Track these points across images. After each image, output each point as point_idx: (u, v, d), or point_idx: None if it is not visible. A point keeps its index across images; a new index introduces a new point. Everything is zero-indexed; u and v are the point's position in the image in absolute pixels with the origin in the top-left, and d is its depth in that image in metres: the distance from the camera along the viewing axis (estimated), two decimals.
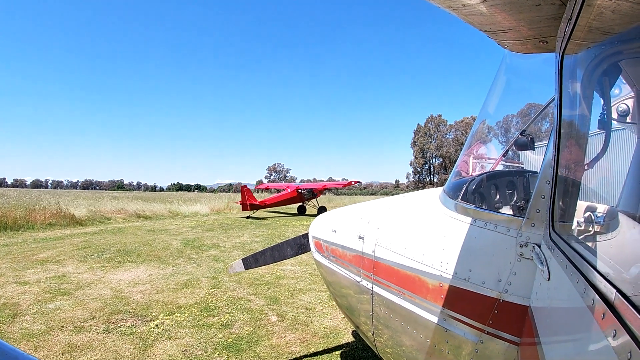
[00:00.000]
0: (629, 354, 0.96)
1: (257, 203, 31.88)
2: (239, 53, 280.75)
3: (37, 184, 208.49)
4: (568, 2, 1.73)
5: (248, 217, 31.31)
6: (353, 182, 37.00)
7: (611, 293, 1.16)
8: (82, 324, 7.17)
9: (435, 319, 2.92)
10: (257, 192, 56.64)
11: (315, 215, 4.66)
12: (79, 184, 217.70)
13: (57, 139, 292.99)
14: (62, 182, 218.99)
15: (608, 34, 1.70)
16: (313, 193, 35.97)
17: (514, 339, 2.48)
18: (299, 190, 35.10)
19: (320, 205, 34.13)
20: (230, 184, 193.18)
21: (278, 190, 39.08)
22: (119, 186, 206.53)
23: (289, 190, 34.97)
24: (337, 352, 6.29)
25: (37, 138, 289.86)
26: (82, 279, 10.34)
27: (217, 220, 28.65)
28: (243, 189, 31.55)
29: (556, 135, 2.06)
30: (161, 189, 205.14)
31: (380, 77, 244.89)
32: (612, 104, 2.67)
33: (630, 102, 2.75)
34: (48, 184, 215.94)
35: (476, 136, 3.80)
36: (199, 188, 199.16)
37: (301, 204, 35.67)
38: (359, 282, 3.83)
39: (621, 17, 1.50)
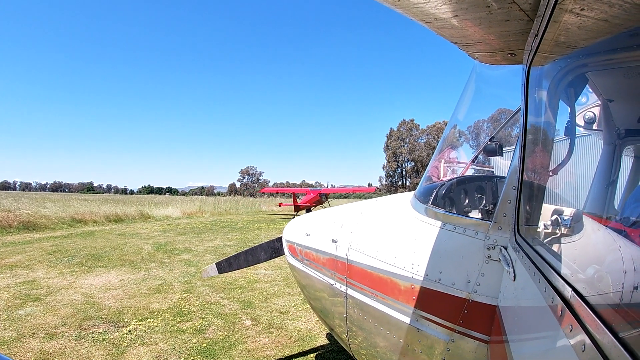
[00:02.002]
0: (582, 347, 1.05)
1: (300, 205, 37.80)
2: (212, 55, 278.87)
3: (5, 186, 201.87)
4: (536, 18, 1.82)
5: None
6: (375, 189, 42.75)
7: (568, 292, 1.25)
8: (54, 330, 7.04)
9: (407, 320, 2.99)
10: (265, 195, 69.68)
11: None
12: (48, 186, 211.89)
13: (26, 139, 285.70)
14: (30, 184, 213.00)
15: (574, 47, 1.80)
16: (326, 196, 42.39)
17: (484, 337, 2.56)
18: (320, 194, 41.49)
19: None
20: (203, 187, 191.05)
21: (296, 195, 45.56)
22: (88, 189, 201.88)
23: (313, 195, 41.43)
24: (312, 355, 6.33)
25: (4, 139, 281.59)
26: (52, 284, 10.12)
27: (189, 223, 28.30)
28: (294, 194, 39.51)
29: (522, 143, 2.16)
30: (132, 192, 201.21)
31: (354, 81, 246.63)
32: (578, 113, 2.80)
33: (596, 110, 2.88)
34: (16, 185, 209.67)
35: (447, 142, 3.90)
36: (171, 191, 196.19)
37: (308, 206, 39.61)
38: (332, 284, 3.88)
39: (587, 33, 1.60)
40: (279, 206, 45.50)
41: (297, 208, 37.13)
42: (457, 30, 2.17)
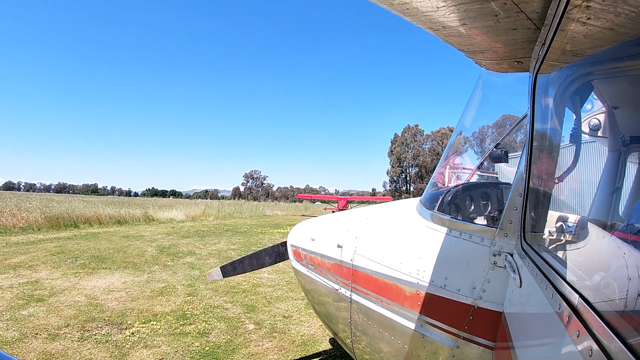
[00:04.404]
0: (590, 352, 1.06)
1: (340, 209, 42.05)
2: (217, 59, 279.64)
3: (9, 186, 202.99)
4: (543, 27, 1.84)
5: None
6: (391, 198, 49.36)
7: (575, 298, 1.26)
8: (57, 331, 7.04)
9: (412, 325, 2.99)
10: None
11: None
12: (52, 187, 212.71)
13: (31, 140, 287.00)
14: (35, 184, 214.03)
15: (580, 55, 1.82)
16: (349, 202, 50.47)
17: (489, 344, 2.56)
18: (347, 201, 49.65)
19: None
20: (207, 191, 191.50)
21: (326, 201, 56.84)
22: (93, 190, 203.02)
23: (344, 201, 49.19)
24: None
25: (10, 139, 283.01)
26: (55, 285, 10.13)
27: (193, 227, 28.31)
28: (339, 200, 48.95)
29: (528, 151, 2.17)
30: (136, 194, 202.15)
31: (359, 86, 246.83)
32: (583, 120, 2.81)
33: (601, 117, 2.89)
34: (21, 186, 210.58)
35: (453, 148, 3.90)
36: (175, 194, 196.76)
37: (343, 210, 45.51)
38: (337, 289, 3.89)
39: (592, 41, 1.62)
40: (325, 210, 52.26)
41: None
42: (465, 38, 2.19)
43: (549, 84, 2.12)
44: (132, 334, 7.07)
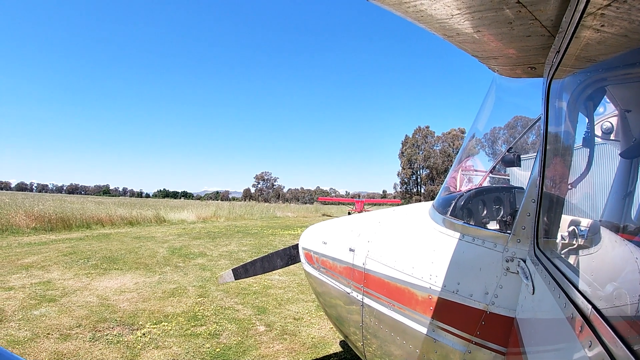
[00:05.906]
0: None
1: (360, 211, 46.37)
2: (228, 60, 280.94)
3: (22, 187, 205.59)
4: (557, 34, 1.84)
5: None
6: (400, 201, 54.00)
7: (587, 308, 1.26)
8: (68, 331, 7.11)
9: (424, 330, 2.99)
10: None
11: None
12: (64, 188, 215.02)
13: (44, 141, 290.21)
14: (47, 185, 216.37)
15: (593, 61, 1.83)
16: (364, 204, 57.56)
17: (500, 349, 2.55)
18: (364, 203, 56.56)
19: None
20: (218, 192, 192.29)
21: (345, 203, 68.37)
22: (104, 191, 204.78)
23: (361, 204, 55.88)
24: None
25: (23, 140, 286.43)
26: (67, 286, 10.24)
27: (204, 228, 28.45)
28: (357, 203, 56.90)
29: (542, 157, 2.16)
30: (147, 195, 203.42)
31: (370, 88, 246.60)
32: (596, 123, 2.80)
33: (614, 121, 2.87)
34: (33, 187, 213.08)
35: (465, 153, 3.89)
36: (186, 195, 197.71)
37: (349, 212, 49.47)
38: (349, 293, 3.90)
39: (606, 48, 1.63)
40: (348, 213, 56.51)
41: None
42: (479, 45, 2.20)
43: (562, 89, 2.11)
44: (144, 334, 7.13)
